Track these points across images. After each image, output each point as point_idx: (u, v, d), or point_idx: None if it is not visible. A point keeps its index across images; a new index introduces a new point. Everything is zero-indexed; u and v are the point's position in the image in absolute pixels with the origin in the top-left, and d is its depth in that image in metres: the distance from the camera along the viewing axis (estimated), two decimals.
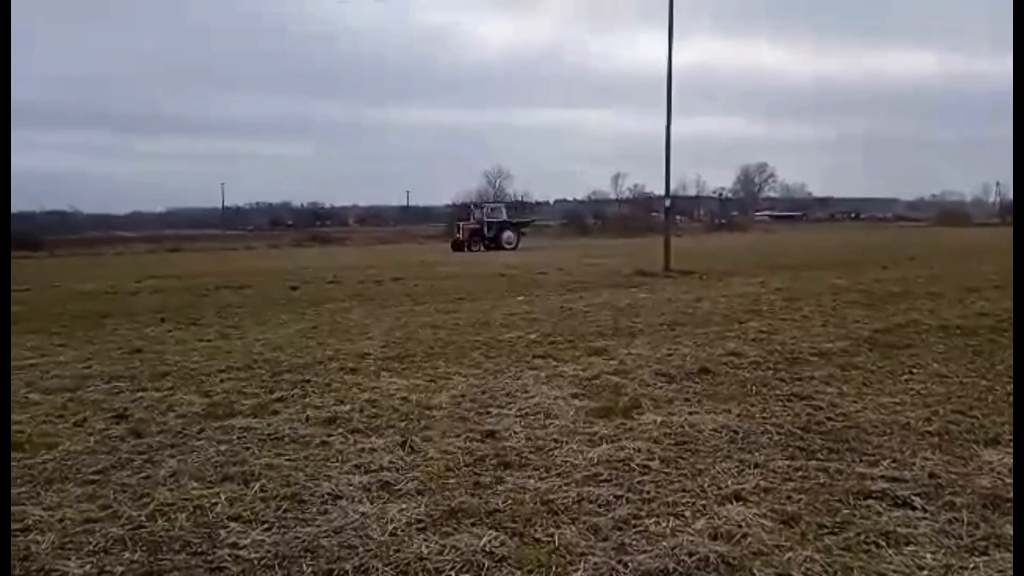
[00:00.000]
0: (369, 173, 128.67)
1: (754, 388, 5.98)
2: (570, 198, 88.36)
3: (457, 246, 37.77)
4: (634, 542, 3.23)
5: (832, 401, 5.52)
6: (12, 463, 4.35)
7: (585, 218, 70.80)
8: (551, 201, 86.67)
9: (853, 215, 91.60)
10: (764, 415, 5.19)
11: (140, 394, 6.12)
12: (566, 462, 4.27)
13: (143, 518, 3.53)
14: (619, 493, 3.78)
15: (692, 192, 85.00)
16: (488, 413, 5.38)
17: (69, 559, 3.13)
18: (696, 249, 26.27)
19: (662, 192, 21.96)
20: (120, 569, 3.04)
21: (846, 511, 3.49)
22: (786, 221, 79.80)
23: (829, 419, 5.07)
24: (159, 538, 3.32)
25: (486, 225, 39.24)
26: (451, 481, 4.01)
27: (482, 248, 37.02)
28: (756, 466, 4.16)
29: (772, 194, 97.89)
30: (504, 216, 41.15)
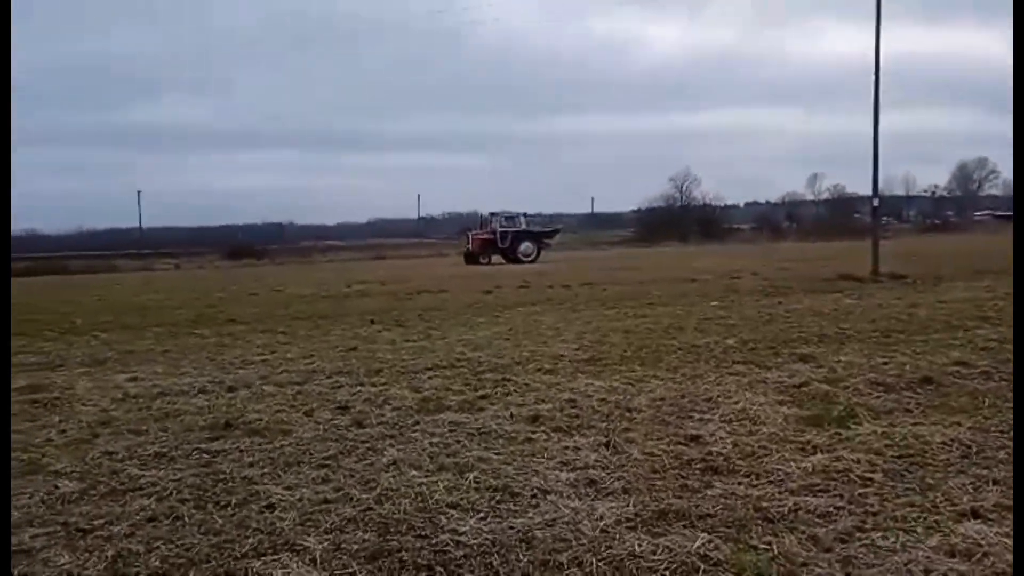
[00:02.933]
0: (554, 181, 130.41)
1: (987, 400, 5.45)
2: (762, 200, 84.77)
3: (470, 258, 34.76)
4: (861, 555, 3.06)
5: None
6: (254, 447, 4.85)
7: (779, 221, 67.70)
8: (741, 204, 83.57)
9: None
10: (1000, 429, 4.72)
11: (359, 388, 6.59)
12: (778, 470, 4.12)
13: (371, 501, 3.80)
14: (839, 504, 3.59)
15: (900, 191, 78.69)
16: (690, 417, 5.29)
17: (309, 535, 3.43)
18: (907, 251, 24.33)
19: (863, 192, 20.89)
20: (354, 547, 3.29)
21: None
22: (1011, 221, 71.91)
23: None
24: (387, 520, 3.56)
25: (500, 235, 35.47)
26: (658, 483, 3.98)
27: (490, 261, 33.87)
28: (995, 482, 3.79)
29: (994, 192, 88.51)
30: (522, 225, 36.64)
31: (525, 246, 35.29)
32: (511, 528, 3.42)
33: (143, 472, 4.39)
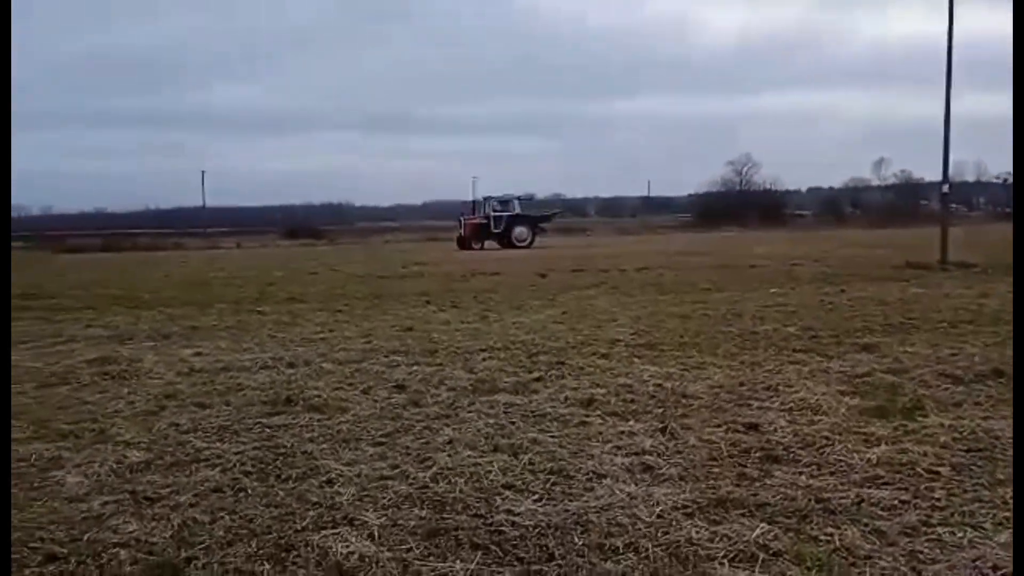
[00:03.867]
0: (610, 165, 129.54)
1: None
2: (825, 186, 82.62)
3: (462, 243, 33.90)
4: (926, 550, 2.97)
5: None
6: (313, 423, 4.94)
7: (842, 206, 65.95)
8: (803, 189, 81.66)
9: None
10: None
11: (415, 368, 6.66)
12: (840, 461, 4.02)
13: (427, 479, 3.84)
14: (904, 498, 3.49)
15: (970, 178, 75.79)
16: (748, 406, 5.20)
17: (367, 510, 3.48)
18: (977, 240, 23.46)
19: (931, 178, 20.25)
20: (411, 523, 3.32)
21: None
22: None
23: None
24: (443, 499, 3.58)
25: (493, 219, 34.58)
26: (715, 470, 3.93)
27: (483, 246, 32.87)
28: None
29: None
30: (516, 209, 35.59)
31: (519, 231, 34.43)
32: (566, 511, 3.41)
33: (207, 444, 4.51)
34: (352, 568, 2.93)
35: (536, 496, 3.61)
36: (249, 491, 3.74)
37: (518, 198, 36.50)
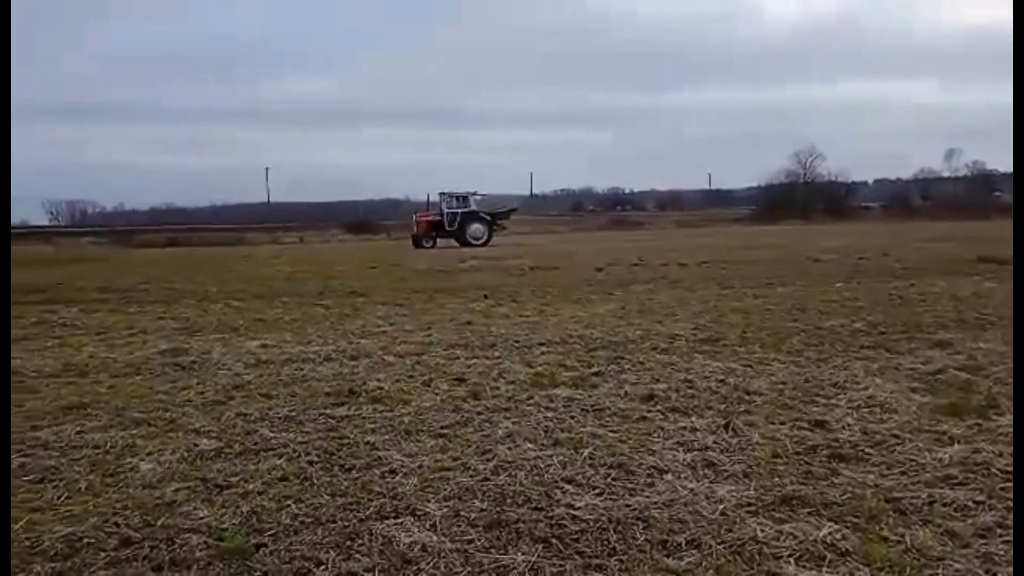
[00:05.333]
0: (668, 157, 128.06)
1: None
2: (893, 177, 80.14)
3: (416, 241, 33.15)
4: (1002, 552, 2.87)
5: None
6: (376, 415, 5.01)
7: (911, 199, 63.89)
8: (870, 181, 79.37)
9: None
10: None
11: (474, 361, 6.70)
12: (911, 460, 3.91)
13: (488, 471, 3.86)
14: (979, 499, 3.38)
15: None
16: (814, 402, 5.09)
17: (429, 501, 3.52)
18: None
19: (1005, 169, 19.07)
20: (472, 515, 3.35)
21: None
22: None
23: None
24: (503, 491, 3.60)
25: (447, 216, 33.43)
26: (780, 468, 3.85)
27: (435, 244, 32.13)
28: None
29: None
30: (472, 206, 34.12)
31: (475, 228, 33.37)
32: (627, 506, 3.39)
33: (274, 434, 4.62)
34: (415, 557, 2.97)
35: (597, 490, 3.60)
36: (314, 480, 3.82)
37: (474, 194, 35.14)
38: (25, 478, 3.92)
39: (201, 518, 3.37)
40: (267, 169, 77.76)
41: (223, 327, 9.26)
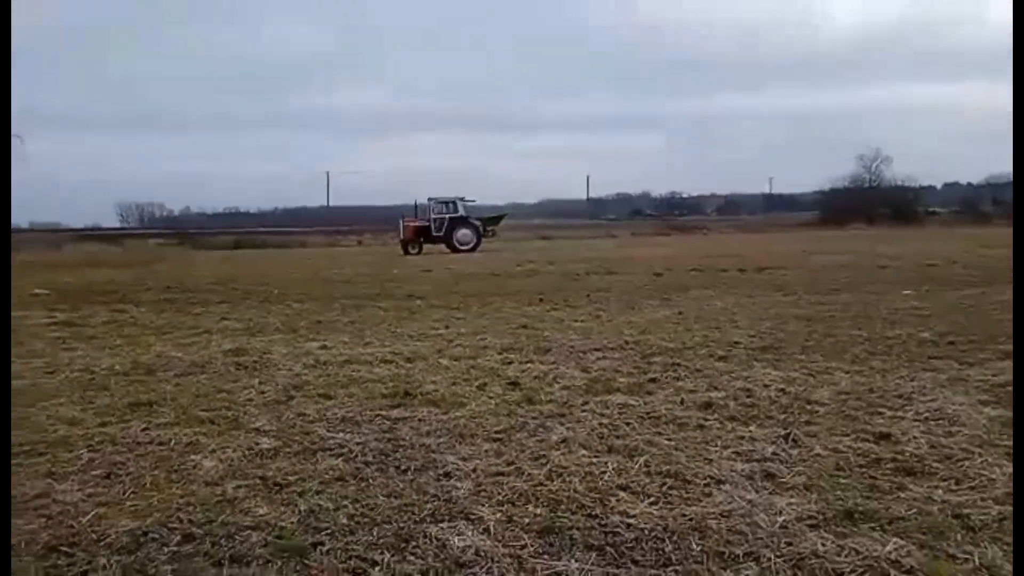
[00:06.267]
0: (727, 162, 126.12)
1: None
2: (963, 181, 77.51)
3: (404, 247, 32.98)
4: None
5: None
6: (431, 417, 5.04)
7: (982, 204, 61.67)
8: (939, 185, 76.91)
9: None
10: None
11: (528, 365, 6.69)
12: (981, 475, 3.76)
13: (542, 477, 3.85)
14: None
15: None
16: (879, 414, 4.94)
17: (483, 506, 3.52)
18: None
19: None
20: (526, 520, 3.34)
21: None
22: None
23: None
24: (557, 497, 3.58)
25: (434, 222, 33.33)
26: (843, 481, 3.74)
27: (420, 250, 31.88)
28: None
29: None
30: (460, 211, 34.06)
31: (462, 233, 33.25)
32: (683, 515, 3.34)
33: (331, 434, 4.68)
34: (468, 561, 2.97)
35: (652, 499, 3.55)
36: (370, 481, 3.86)
37: (462, 199, 34.93)
38: (93, 473, 4.05)
39: (260, 515, 3.43)
40: (327, 174, 79.24)
41: (284, 328, 9.45)
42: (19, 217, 55.53)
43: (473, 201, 36.80)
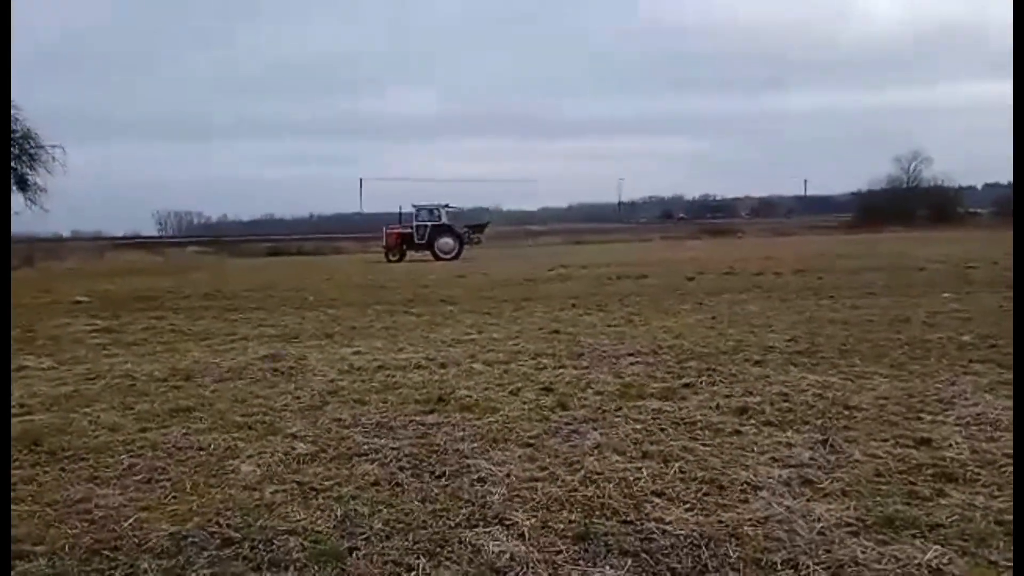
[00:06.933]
0: (762, 163, 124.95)
1: None
2: (1004, 182, 75.80)
3: (387, 254, 33.06)
4: None
5: None
6: (464, 422, 5.06)
7: None
8: (979, 186, 75.36)
9: None
10: None
11: (561, 371, 6.68)
12: None
13: (576, 483, 3.84)
14: None
15: None
16: (919, 419, 4.86)
17: (517, 511, 3.52)
18: None
19: None
20: (560, 526, 3.34)
21: None
22: None
23: None
24: (591, 503, 3.57)
25: (416, 229, 33.04)
26: (883, 487, 3.69)
27: (401, 258, 31.93)
28: None
29: None
30: (442, 218, 33.60)
31: (443, 241, 32.88)
32: (720, 522, 3.31)
33: (366, 439, 4.72)
34: (503, 567, 2.98)
35: (688, 505, 3.53)
36: (405, 486, 3.88)
37: (445, 207, 34.51)
38: (134, 478, 4.13)
39: (298, 520, 3.47)
40: (360, 180, 79.98)
41: (319, 334, 9.55)
42: (61, 226, 57.03)
43: (458, 208, 36.81)
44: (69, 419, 5.34)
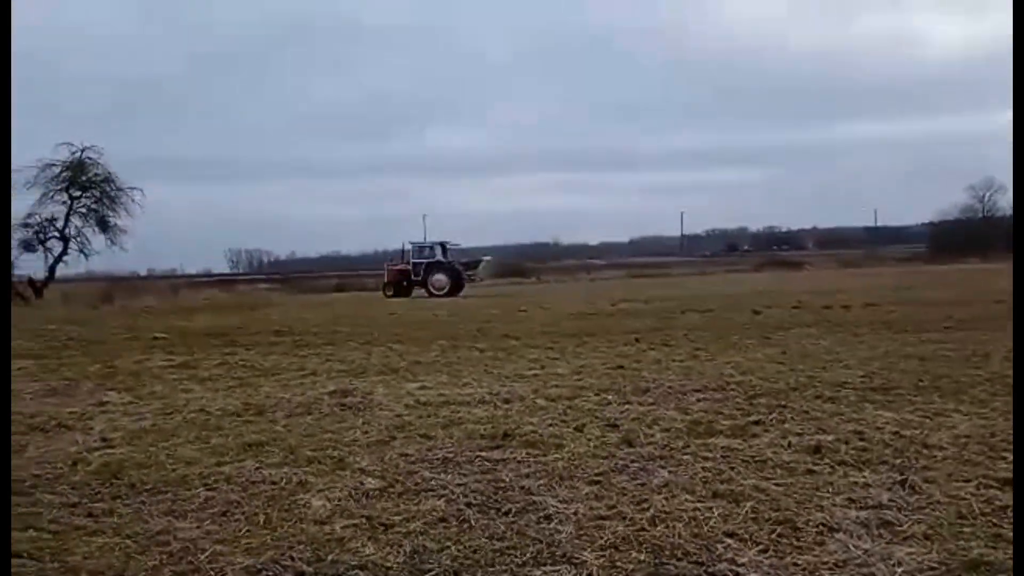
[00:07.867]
0: (829, 194, 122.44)
1: None
2: None
3: (385, 290, 34.50)
4: None
5: None
6: (529, 459, 5.05)
7: None
8: None
9: None
10: None
11: (626, 407, 6.62)
12: None
13: (644, 522, 3.79)
14: None
15: None
16: (1003, 459, 4.65)
17: (585, 550, 3.49)
18: None
19: None
20: (629, 566, 3.29)
21: None
22: None
23: None
24: (661, 543, 3.52)
25: (413, 266, 34.48)
26: (966, 530, 3.54)
27: (395, 293, 33.51)
28: None
29: None
30: (438, 256, 35.05)
31: (436, 278, 33.97)
32: (795, 564, 3.23)
33: (433, 475, 4.75)
34: None
35: (761, 547, 3.44)
36: (472, 523, 3.89)
37: (441, 244, 35.92)
38: (211, 511, 4.23)
39: (367, 555, 3.51)
40: (424, 216, 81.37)
41: (385, 369, 9.68)
42: (138, 264, 59.21)
43: (458, 245, 38.19)
44: (148, 453, 5.51)
